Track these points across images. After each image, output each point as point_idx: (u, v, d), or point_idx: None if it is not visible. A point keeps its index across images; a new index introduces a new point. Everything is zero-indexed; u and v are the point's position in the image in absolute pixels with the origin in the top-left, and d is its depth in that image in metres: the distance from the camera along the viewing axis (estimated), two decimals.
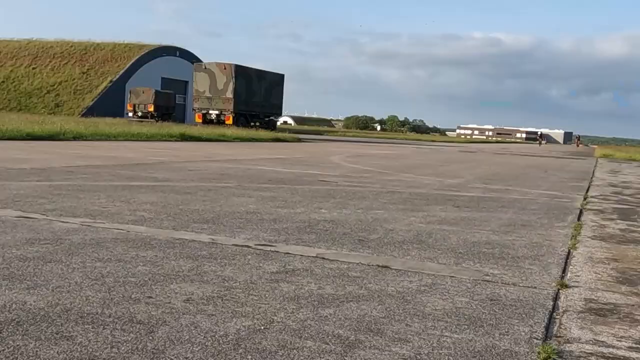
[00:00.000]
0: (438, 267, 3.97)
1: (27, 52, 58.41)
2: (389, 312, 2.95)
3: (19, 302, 2.72)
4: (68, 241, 4.04)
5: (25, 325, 2.45)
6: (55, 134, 17.90)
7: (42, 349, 2.22)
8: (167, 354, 2.26)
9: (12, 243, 3.88)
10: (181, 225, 4.92)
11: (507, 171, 16.06)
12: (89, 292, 2.95)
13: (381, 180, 10.59)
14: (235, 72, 37.56)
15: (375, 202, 7.20)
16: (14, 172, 8.12)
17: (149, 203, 5.99)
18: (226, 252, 4.01)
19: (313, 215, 5.89)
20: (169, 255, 3.81)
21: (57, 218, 4.86)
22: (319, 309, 2.92)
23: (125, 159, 11.83)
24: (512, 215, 6.84)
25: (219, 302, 2.93)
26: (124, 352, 2.25)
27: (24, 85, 54.90)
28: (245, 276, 3.43)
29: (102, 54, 56.48)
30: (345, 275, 3.60)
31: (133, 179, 8.13)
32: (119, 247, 3.97)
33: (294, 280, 3.41)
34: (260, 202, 6.55)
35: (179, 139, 22.53)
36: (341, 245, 4.49)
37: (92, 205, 5.65)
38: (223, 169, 10.87)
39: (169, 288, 3.11)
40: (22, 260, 3.47)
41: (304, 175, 10.61)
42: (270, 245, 4.32)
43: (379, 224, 5.62)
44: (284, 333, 2.56)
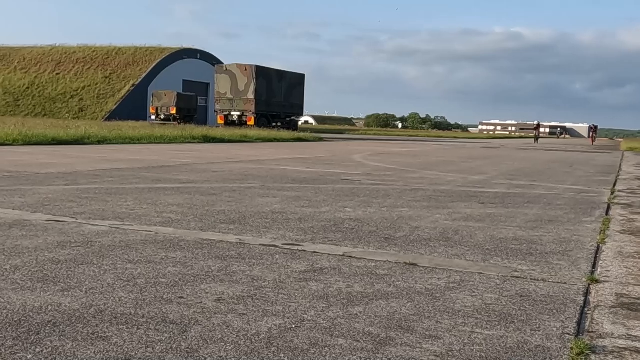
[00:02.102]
0: (466, 264, 3.96)
1: (51, 58, 59.23)
2: (418, 309, 2.95)
3: (54, 304, 2.77)
4: (98, 244, 4.10)
5: (61, 326, 2.50)
6: (80, 138, 18.14)
7: (79, 349, 2.27)
8: (200, 353, 2.29)
9: (44, 246, 3.95)
10: (208, 226, 4.96)
11: (531, 166, 15.92)
12: (121, 293, 3.00)
13: (404, 178, 10.57)
14: (256, 73, 37.71)
15: (399, 200, 7.19)
16: (41, 176, 8.25)
17: (175, 205, 6.05)
18: (254, 252, 4.04)
19: (338, 214, 5.91)
20: (198, 256, 3.85)
21: (86, 221, 4.93)
22: (348, 307, 2.93)
23: (150, 161, 11.95)
24: (539, 211, 6.79)
25: (249, 301, 2.96)
26: (158, 352, 2.28)
27: (49, 90, 55.67)
28: (274, 275, 3.46)
29: (123, 58, 57.07)
30: (373, 274, 3.61)
31: (158, 182, 8.21)
32: (148, 248, 4.02)
33: (323, 279, 3.42)
34: (285, 202, 6.58)
35: (202, 140, 22.69)
36: (368, 244, 4.50)
37: (119, 208, 5.72)
38: (246, 169, 10.93)
39: (199, 288, 3.14)
40: (54, 263, 3.54)
41: (327, 174, 10.62)
42: (297, 245, 4.34)
43: (405, 221, 5.61)
44: (315, 331, 2.58)
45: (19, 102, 55.21)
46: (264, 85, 38.27)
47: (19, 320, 2.54)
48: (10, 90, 56.78)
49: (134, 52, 57.77)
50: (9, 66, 60.11)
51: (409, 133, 74.10)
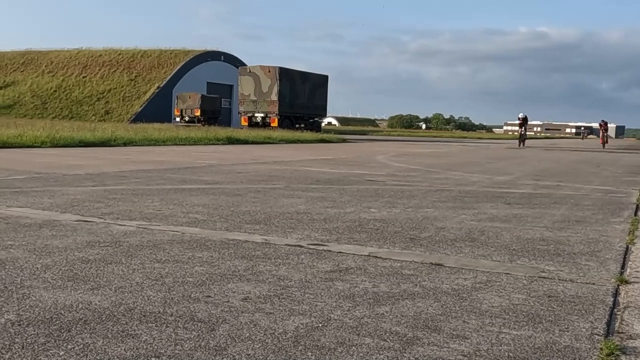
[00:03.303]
0: (492, 265, 3.94)
1: (78, 61, 60.05)
2: (445, 309, 2.94)
3: (84, 302, 2.82)
4: (126, 243, 4.16)
5: (92, 324, 2.54)
6: (107, 140, 18.36)
7: (110, 347, 2.30)
8: (229, 351, 2.31)
9: (73, 246, 4.01)
10: (234, 226, 5.00)
11: (557, 167, 15.75)
12: (150, 292, 3.03)
13: (429, 178, 10.53)
14: (279, 75, 37.81)
15: (424, 201, 7.17)
16: (69, 177, 8.37)
17: (201, 205, 6.10)
18: (279, 252, 4.06)
19: (363, 214, 5.90)
20: (224, 256, 3.88)
21: (114, 221, 5.00)
22: (374, 307, 2.93)
23: (175, 162, 12.06)
24: (566, 211, 6.72)
25: (275, 300, 2.97)
26: (187, 350, 2.31)
27: (75, 93, 56.44)
28: (299, 275, 3.47)
29: (148, 60, 57.65)
30: (399, 274, 3.60)
31: (184, 182, 8.28)
32: (175, 248, 4.06)
33: (348, 279, 3.43)
34: (310, 203, 6.60)
35: (226, 142, 22.83)
36: (393, 244, 4.49)
37: (146, 208, 5.78)
38: (271, 170, 10.97)
39: (226, 287, 3.17)
40: (84, 262, 3.59)
41: (351, 175, 10.62)
42: (322, 245, 4.35)
43: (430, 222, 5.59)
44: (342, 330, 2.58)
45: (47, 104, 56.07)
46: (288, 87, 38.38)
47: (50, 318, 2.58)
48: (39, 93, 57.70)
49: (158, 54, 58.32)
50: (37, 69, 61.09)
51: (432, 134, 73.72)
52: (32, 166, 10.02)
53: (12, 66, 62.75)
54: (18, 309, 2.69)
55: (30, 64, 62.21)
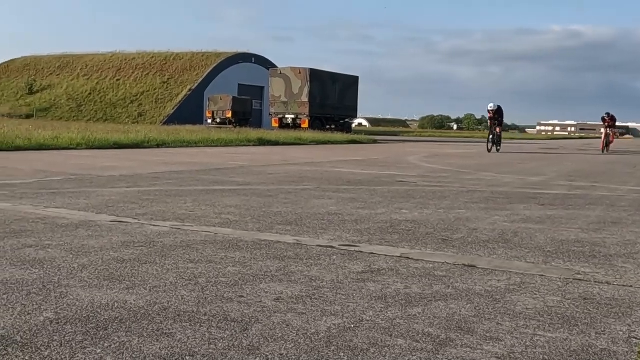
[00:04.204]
0: (526, 266, 3.89)
1: (112, 64, 61.02)
2: (478, 311, 2.92)
3: (120, 301, 2.87)
4: (160, 244, 4.21)
5: (128, 322, 2.58)
6: (140, 142, 18.61)
7: (145, 345, 2.34)
8: (262, 351, 2.32)
9: (109, 246, 4.08)
10: (265, 227, 5.03)
11: (591, 167, 15.49)
12: (183, 291, 3.07)
13: (460, 179, 10.45)
14: (310, 76, 37.90)
15: (456, 202, 7.12)
16: (104, 179, 8.51)
17: (233, 206, 6.15)
18: (311, 253, 4.07)
19: (394, 215, 5.89)
20: (257, 256, 3.91)
21: (148, 222, 5.07)
22: (407, 308, 2.92)
23: (207, 164, 12.17)
24: (601, 212, 6.61)
25: (308, 301, 2.99)
26: (221, 349, 2.33)
27: (109, 96, 57.35)
28: (331, 276, 3.48)
29: (181, 63, 58.28)
30: (431, 275, 3.58)
31: (215, 184, 8.35)
32: (208, 248, 4.10)
33: (380, 280, 3.42)
34: (341, 204, 6.60)
35: (257, 143, 22.95)
36: (425, 245, 4.47)
37: (179, 209, 5.85)
38: (301, 171, 11.00)
39: (259, 287, 3.19)
40: (119, 262, 3.65)
41: (381, 176, 10.60)
42: (354, 246, 4.35)
43: (462, 223, 5.55)
44: (374, 331, 2.58)
45: (82, 107, 57.06)
46: (318, 88, 38.44)
47: (87, 317, 2.64)
48: (74, 96, 58.75)
49: (190, 57, 58.91)
50: (72, 73, 62.21)
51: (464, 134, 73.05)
52: (67, 168, 10.21)
53: (48, 70, 64.02)
54: (56, 307, 2.75)
55: (66, 67, 63.38)
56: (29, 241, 4.15)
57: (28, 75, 63.29)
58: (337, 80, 40.88)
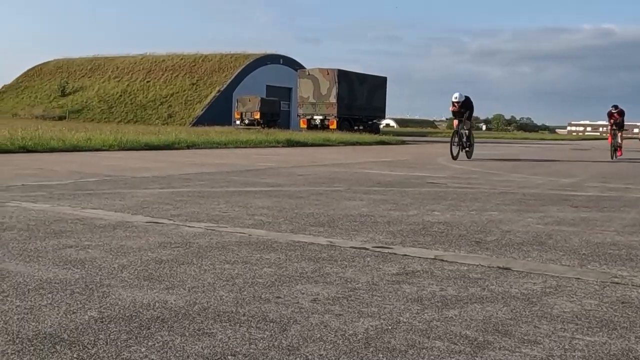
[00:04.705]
0: (562, 269, 3.87)
1: (142, 66, 61.81)
2: (514, 313, 2.92)
3: (160, 301, 2.93)
4: (196, 244, 4.28)
5: (169, 322, 2.64)
6: (171, 143, 18.84)
7: (188, 344, 2.39)
8: (301, 351, 2.36)
9: (146, 247, 4.16)
10: (298, 228, 5.07)
11: (625, 169, 15.26)
12: (221, 292, 3.12)
13: (491, 181, 10.38)
14: (338, 77, 37.95)
15: (487, 204, 7.08)
16: (137, 180, 8.64)
17: (265, 208, 6.20)
18: (345, 255, 4.10)
19: (426, 217, 5.89)
20: (291, 258, 3.95)
21: (183, 223, 5.14)
22: (443, 310, 2.93)
23: (237, 165, 12.28)
24: (637, 215, 6.52)
25: (344, 302, 3.01)
26: (261, 349, 2.37)
27: (139, 98, 58.09)
28: (366, 278, 3.50)
29: (209, 65, 58.79)
30: (465, 277, 3.59)
31: (247, 185, 8.43)
32: (243, 250, 4.15)
33: (415, 282, 3.44)
34: (372, 205, 6.62)
35: (285, 144, 23.06)
36: (458, 247, 4.47)
37: (212, 210, 5.92)
38: (331, 173, 11.04)
39: (295, 289, 3.23)
40: (157, 262, 3.72)
41: (411, 177, 10.58)
42: (387, 248, 4.37)
43: (495, 225, 5.53)
44: (412, 333, 2.60)
45: (113, 109, 57.88)
46: (346, 89, 38.45)
47: (130, 316, 2.70)
48: (105, 98, 59.63)
49: (219, 58, 59.40)
50: (103, 75, 63.16)
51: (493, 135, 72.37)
52: (101, 169, 10.39)
53: (80, 72, 65.09)
54: (99, 306, 2.82)
55: (97, 70, 64.37)
56: (69, 241, 4.25)
57: (60, 78, 64.42)
58: (365, 81, 40.85)
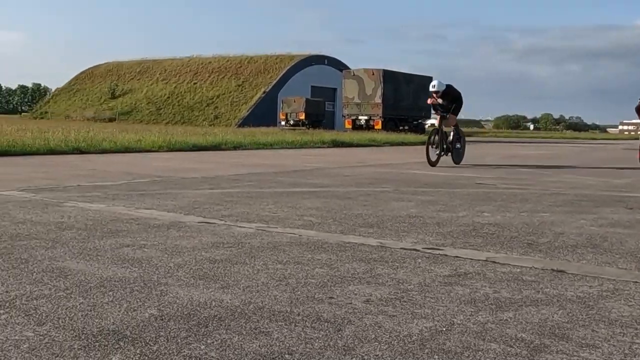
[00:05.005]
0: (618, 272, 3.79)
1: (189, 68, 62.82)
2: (571, 317, 2.88)
3: (217, 300, 2.99)
4: (248, 245, 4.34)
5: (226, 320, 2.70)
6: (218, 144, 19.10)
7: (245, 343, 2.44)
8: (357, 352, 2.38)
9: (200, 246, 4.24)
10: (348, 229, 5.09)
11: None
12: (275, 292, 3.17)
13: (541, 181, 10.21)
14: (383, 77, 37.84)
15: (538, 205, 6.98)
16: (187, 181, 8.80)
17: (314, 208, 6.25)
18: (396, 256, 4.10)
19: (476, 218, 5.84)
20: (342, 258, 3.97)
21: (234, 223, 5.23)
22: (497, 313, 2.92)
23: (283, 166, 12.37)
24: None
25: (397, 303, 3.02)
26: (317, 348, 2.40)
27: (187, 99, 59.04)
28: (418, 279, 3.50)
29: (255, 66, 59.36)
30: (519, 279, 3.55)
31: (294, 186, 8.50)
32: (294, 250, 4.20)
33: (468, 284, 3.42)
34: (421, 206, 6.59)
35: (331, 145, 23.12)
36: (510, 249, 4.42)
37: (262, 211, 6.00)
38: (377, 173, 11.03)
39: (347, 289, 3.25)
40: (211, 262, 3.79)
41: (459, 177, 10.49)
42: (438, 249, 4.35)
43: (547, 227, 5.45)
44: (466, 335, 2.60)
45: (161, 110, 58.99)
46: (391, 89, 38.30)
47: (188, 314, 2.77)
48: (153, 100, 60.83)
49: (264, 60, 59.92)
50: (151, 77, 64.43)
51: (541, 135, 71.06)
52: (152, 170, 10.61)
53: (129, 75, 66.54)
54: (158, 304, 2.90)
55: (146, 72, 65.69)
56: (126, 241, 4.37)
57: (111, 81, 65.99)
58: (411, 81, 40.61)
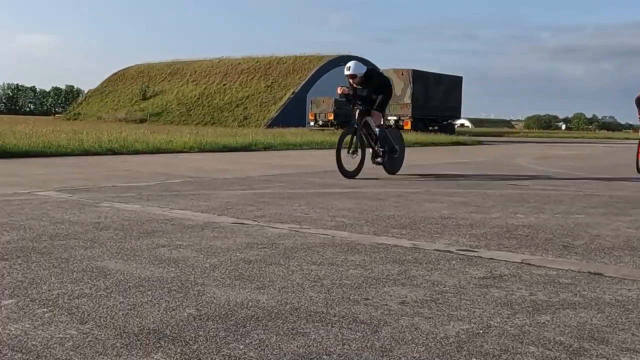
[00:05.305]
0: None
1: (218, 70, 63.33)
2: (610, 320, 2.85)
3: (253, 300, 3.02)
4: (282, 245, 4.38)
5: (263, 321, 2.73)
6: (248, 145, 19.21)
7: (283, 343, 2.46)
8: (394, 353, 2.39)
9: (234, 247, 4.29)
10: (380, 230, 5.10)
11: None
12: (311, 292, 3.19)
13: (575, 182, 10.07)
14: (412, 77, 37.70)
15: (573, 206, 6.89)
16: (219, 181, 8.88)
17: (346, 209, 6.26)
18: (430, 257, 4.10)
19: (509, 220, 5.79)
20: (376, 260, 3.98)
21: (267, 224, 5.27)
22: (534, 315, 2.90)
23: (314, 166, 12.40)
24: None
25: (432, 305, 3.02)
26: (355, 349, 2.42)
27: (216, 100, 59.52)
28: (453, 281, 3.49)
29: (284, 67, 59.58)
30: (555, 282, 3.52)
31: (325, 186, 8.52)
32: (328, 251, 4.22)
33: (504, 286, 3.40)
34: (453, 207, 6.56)
35: None
36: (545, 251, 4.38)
37: (294, 212, 6.03)
38: (408, 174, 10.98)
39: (382, 290, 3.26)
40: (246, 262, 3.83)
41: (491, 178, 10.40)
42: (472, 251, 4.33)
43: (582, 229, 5.38)
44: (504, 337, 2.59)
45: (191, 111, 59.57)
46: (421, 89, 38.13)
47: (226, 314, 2.80)
48: (184, 101, 61.45)
49: (293, 61, 60.11)
50: (182, 79, 65.11)
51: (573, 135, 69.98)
52: (184, 170, 10.73)
53: (160, 77, 67.32)
54: (196, 304, 2.94)
55: (176, 74, 66.40)
56: (161, 241, 4.43)
57: (142, 82, 66.83)
58: (441, 80, 40.39)
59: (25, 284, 3.22)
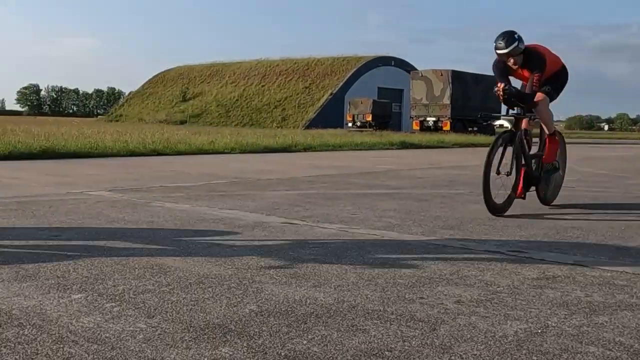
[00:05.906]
0: None
1: (257, 71, 63.83)
2: None
3: (311, 298, 3.10)
4: (333, 245, 4.44)
5: (323, 317, 2.79)
6: (288, 146, 19.35)
7: (345, 339, 2.53)
8: (454, 350, 2.43)
9: (286, 246, 4.37)
10: (429, 231, 5.12)
11: None
12: (366, 291, 3.25)
13: (622, 184, 9.92)
14: (451, 78, 37.43)
15: (622, 208, 6.80)
16: (263, 182, 9.00)
17: (392, 210, 6.30)
18: (481, 258, 4.12)
19: (559, 221, 5.75)
20: (428, 260, 4.02)
21: (315, 224, 5.34)
22: (591, 316, 2.90)
23: (355, 167, 12.45)
24: None
25: (488, 304, 3.05)
26: (415, 347, 2.47)
27: (255, 102, 60.00)
28: (506, 281, 3.51)
29: (322, 68, 59.74)
30: (610, 284, 3.51)
31: (368, 187, 8.56)
32: (378, 251, 4.27)
33: (558, 287, 3.41)
34: None
35: (399, 146, 23.04)
36: (598, 253, 4.36)
37: (341, 212, 6.09)
38: (450, 175, 10.96)
39: (436, 290, 3.30)
40: (300, 261, 3.91)
41: None
42: (522, 252, 4.33)
43: (634, 231, 5.32)
44: (562, 337, 2.60)
45: (230, 113, 60.17)
46: (460, 90, 37.84)
47: (286, 311, 2.88)
48: (223, 103, 62.10)
49: (331, 62, 60.21)
50: (221, 80, 65.81)
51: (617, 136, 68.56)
52: (228, 171, 10.89)
53: (200, 78, 68.18)
54: (256, 300, 3.03)
55: (216, 75, 67.17)
56: (215, 240, 4.54)
57: (182, 84, 67.79)
58: (480, 81, 39.98)
59: (92, 280, 3.36)
